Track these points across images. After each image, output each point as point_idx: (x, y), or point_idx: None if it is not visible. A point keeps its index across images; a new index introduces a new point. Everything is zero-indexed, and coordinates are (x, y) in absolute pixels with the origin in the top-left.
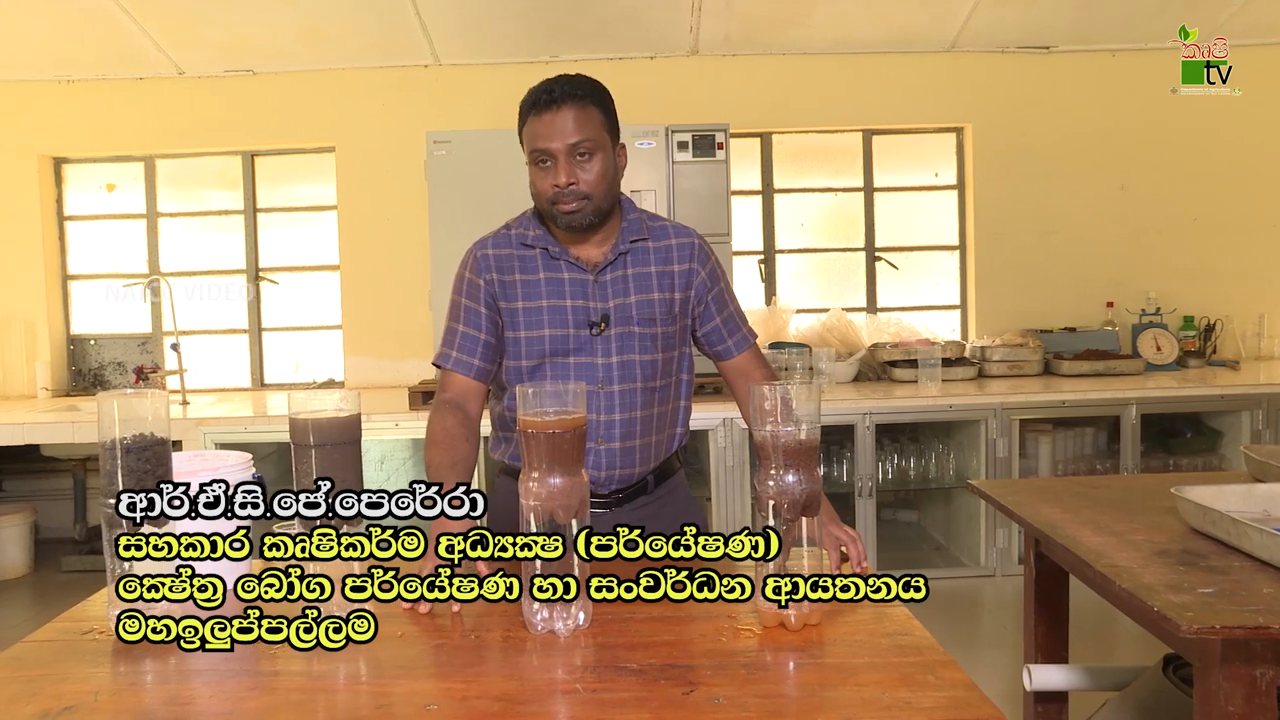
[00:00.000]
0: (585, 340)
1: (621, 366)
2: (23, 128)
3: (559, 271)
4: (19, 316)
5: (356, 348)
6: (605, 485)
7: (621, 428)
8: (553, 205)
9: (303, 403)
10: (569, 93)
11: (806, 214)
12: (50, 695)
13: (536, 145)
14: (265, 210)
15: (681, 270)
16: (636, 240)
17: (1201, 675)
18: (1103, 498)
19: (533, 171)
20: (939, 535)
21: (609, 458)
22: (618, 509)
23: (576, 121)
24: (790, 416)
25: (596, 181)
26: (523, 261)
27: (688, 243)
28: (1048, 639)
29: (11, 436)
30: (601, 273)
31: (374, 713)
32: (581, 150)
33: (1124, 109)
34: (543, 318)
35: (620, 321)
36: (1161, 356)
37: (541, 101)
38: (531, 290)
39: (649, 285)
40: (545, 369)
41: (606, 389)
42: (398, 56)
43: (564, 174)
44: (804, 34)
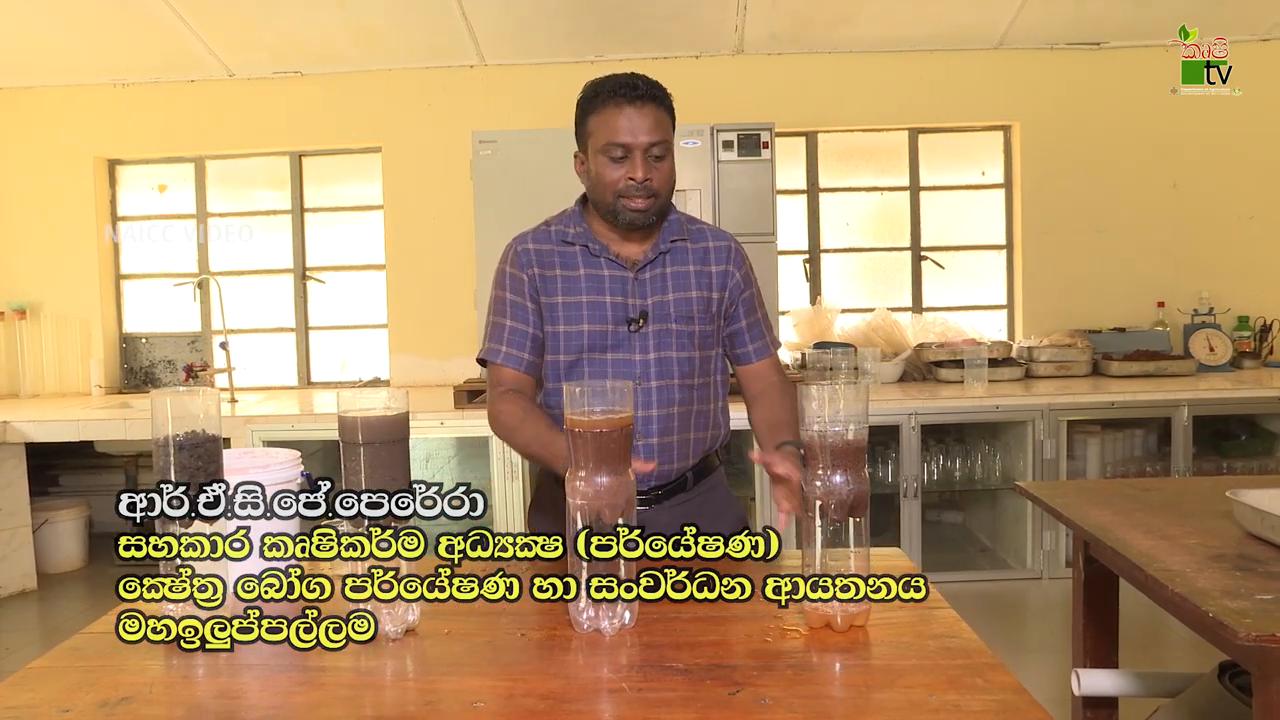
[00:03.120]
0: (624, 336)
1: (659, 363)
2: (79, 131)
3: (599, 268)
4: (74, 316)
5: (402, 346)
6: (644, 481)
7: (659, 423)
8: (619, 199)
9: (351, 401)
10: (652, 93)
11: (852, 213)
12: (108, 685)
13: (615, 138)
14: (312, 210)
15: (718, 271)
16: (676, 240)
17: (1261, 684)
18: (1154, 501)
19: (601, 163)
20: (984, 537)
21: (646, 453)
22: (657, 506)
23: (657, 121)
24: (838, 417)
25: (664, 181)
26: (563, 257)
27: (724, 245)
28: (1097, 643)
29: (67, 433)
30: (641, 270)
31: (421, 709)
32: (657, 151)
33: (1176, 105)
34: (582, 313)
35: (658, 319)
36: (1215, 357)
37: (627, 95)
38: (571, 286)
39: (687, 284)
40: (583, 365)
41: (644, 385)
42: (443, 57)
43: (642, 169)
44: (850, 32)
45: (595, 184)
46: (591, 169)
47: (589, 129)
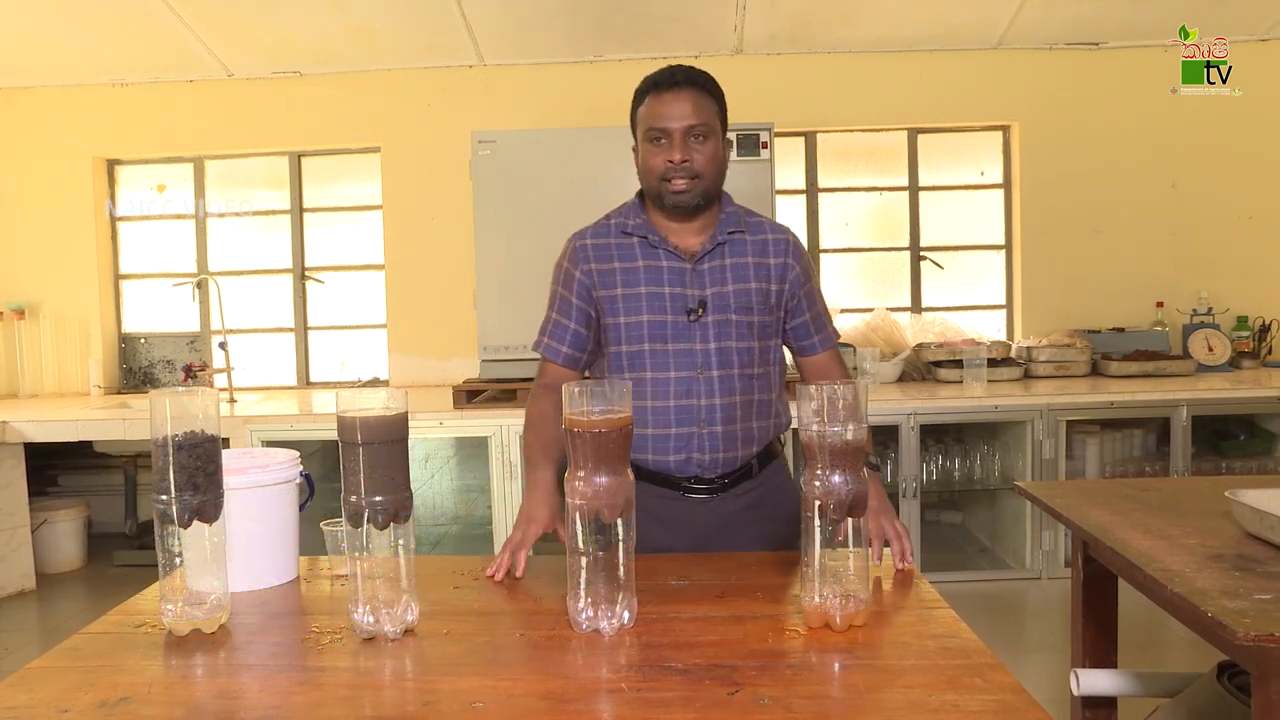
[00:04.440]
0: (684, 327)
1: (720, 353)
2: (77, 130)
3: (657, 259)
4: (73, 316)
5: (401, 346)
6: (711, 469)
7: (723, 412)
8: (663, 182)
9: (350, 401)
10: (690, 78)
11: (851, 213)
12: (107, 685)
13: (654, 124)
14: (311, 210)
15: (777, 264)
16: (734, 232)
17: (1260, 684)
18: (1153, 500)
19: (646, 150)
20: (984, 537)
21: (712, 441)
22: (723, 494)
23: (695, 104)
24: (836, 417)
25: (707, 163)
26: (621, 250)
27: (783, 238)
28: (1096, 643)
29: (66, 433)
30: (699, 261)
31: (421, 709)
32: (697, 132)
33: (1176, 105)
34: (641, 304)
35: (717, 309)
36: (1214, 357)
37: (664, 83)
38: (630, 277)
39: (746, 275)
40: (645, 356)
41: (705, 374)
42: (443, 57)
43: (679, 151)
44: (849, 32)
45: (642, 171)
46: (639, 157)
47: (637, 119)
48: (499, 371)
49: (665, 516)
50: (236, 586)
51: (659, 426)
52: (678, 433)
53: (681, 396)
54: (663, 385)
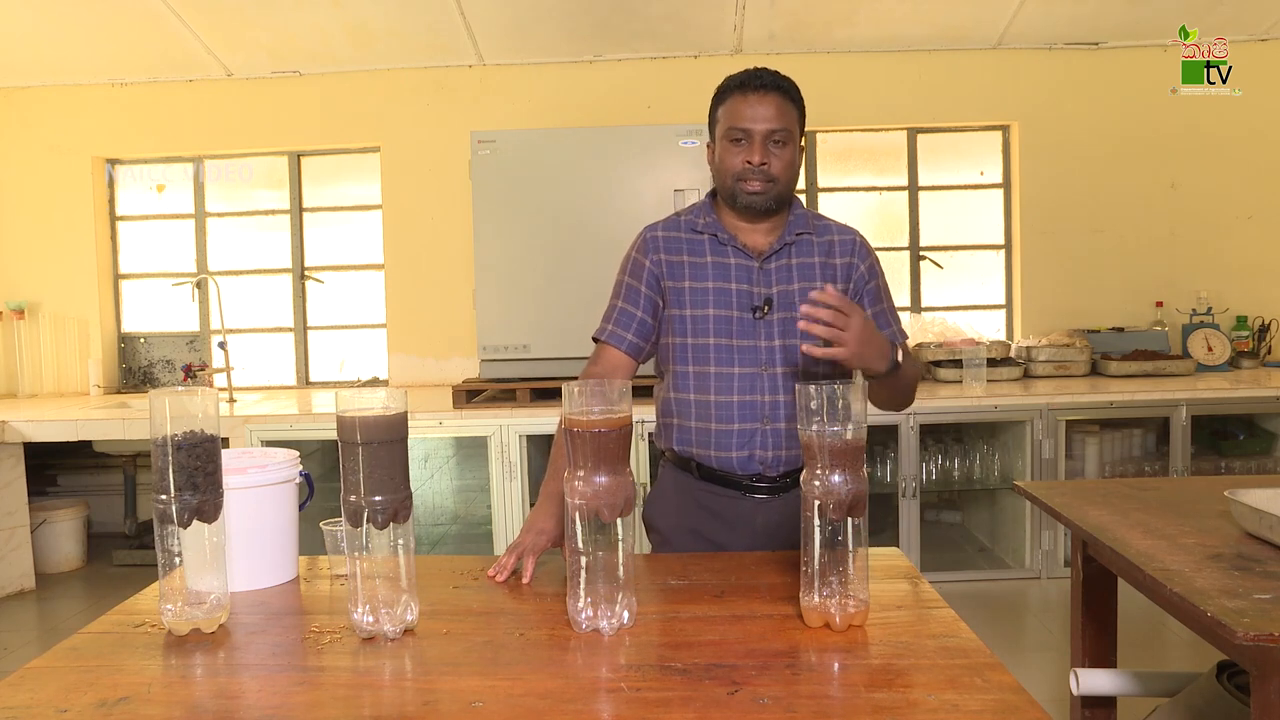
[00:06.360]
0: (749, 324)
1: (784, 350)
2: (77, 130)
3: (725, 257)
4: (73, 315)
5: (401, 346)
6: (774, 466)
7: (786, 409)
8: (738, 182)
9: (350, 400)
10: (776, 82)
11: (851, 213)
12: (107, 685)
13: (737, 123)
14: (311, 210)
15: (843, 263)
16: (801, 233)
17: (1259, 683)
18: (1152, 500)
19: (724, 148)
20: (983, 537)
21: (775, 437)
22: (785, 495)
23: (779, 109)
24: (836, 417)
25: (784, 169)
26: (690, 245)
27: (849, 239)
28: (1095, 643)
29: (65, 433)
30: (766, 260)
31: (420, 709)
32: (777, 137)
33: (1175, 105)
34: (708, 298)
35: (783, 307)
36: (1213, 357)
37: (751, 84)
38: (698, 272)
39: (812, 274)
40: (709, 350)
41: (770, 370)
42: (442, 57)
43: (759, 153)
44: (848, 32)
45: (718, 169)
46: (716, 155)
47: (717, 118)
48: (498, 371)
49: (726, 514)
50: (236, 586)
51: (722, 422)
52: (740, 428)
53: (745, 392)
54: (727, 380)
